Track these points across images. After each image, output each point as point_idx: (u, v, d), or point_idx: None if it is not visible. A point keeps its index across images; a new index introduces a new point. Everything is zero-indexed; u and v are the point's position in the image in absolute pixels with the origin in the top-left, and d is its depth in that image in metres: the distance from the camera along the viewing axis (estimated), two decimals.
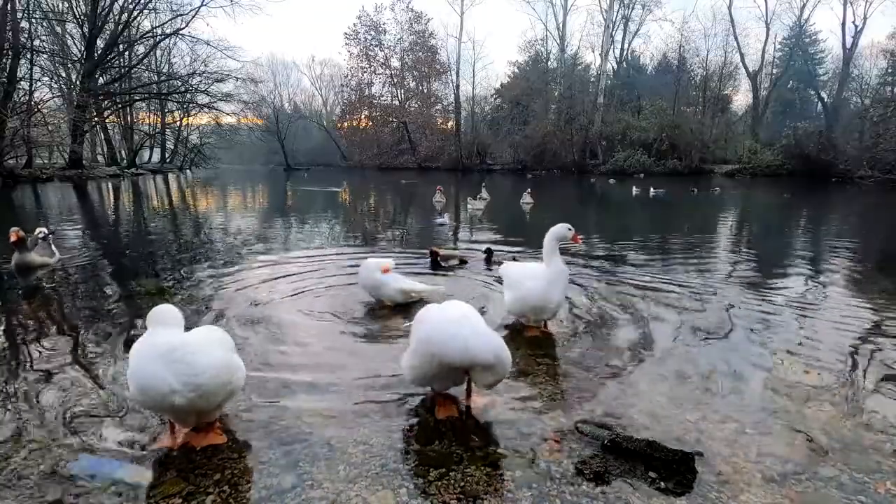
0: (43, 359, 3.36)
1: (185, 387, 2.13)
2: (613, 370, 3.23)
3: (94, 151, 42.70)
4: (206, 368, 2.18)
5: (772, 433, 2.48)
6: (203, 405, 2.23)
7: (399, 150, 52.46)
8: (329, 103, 67.14)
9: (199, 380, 2.16)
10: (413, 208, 15.30)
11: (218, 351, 2.32)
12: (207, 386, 2.18)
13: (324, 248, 7.78)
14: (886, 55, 36.34)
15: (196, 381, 2.15)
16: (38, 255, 5.12)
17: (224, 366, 2.30)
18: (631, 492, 2.05)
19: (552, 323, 4.02)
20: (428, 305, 2.79)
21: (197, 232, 9.98)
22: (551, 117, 43.16)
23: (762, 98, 45.00)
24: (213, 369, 2.21)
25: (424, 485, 2.09)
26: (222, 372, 2.27)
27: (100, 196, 19.62)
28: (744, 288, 5.33)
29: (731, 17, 42.39)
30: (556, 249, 3.65)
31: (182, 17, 34.47)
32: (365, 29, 53.00)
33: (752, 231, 10.98)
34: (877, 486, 2.10)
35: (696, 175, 34.47)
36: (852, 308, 4.62)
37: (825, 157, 31.85)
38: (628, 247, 7.92)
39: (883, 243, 9.27)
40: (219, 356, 2.29)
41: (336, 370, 3.23)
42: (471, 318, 2.51)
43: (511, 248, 7.51)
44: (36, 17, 28.70)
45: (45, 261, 5.17)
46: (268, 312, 4.38)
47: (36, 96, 30.29)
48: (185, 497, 2.02)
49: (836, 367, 3.28)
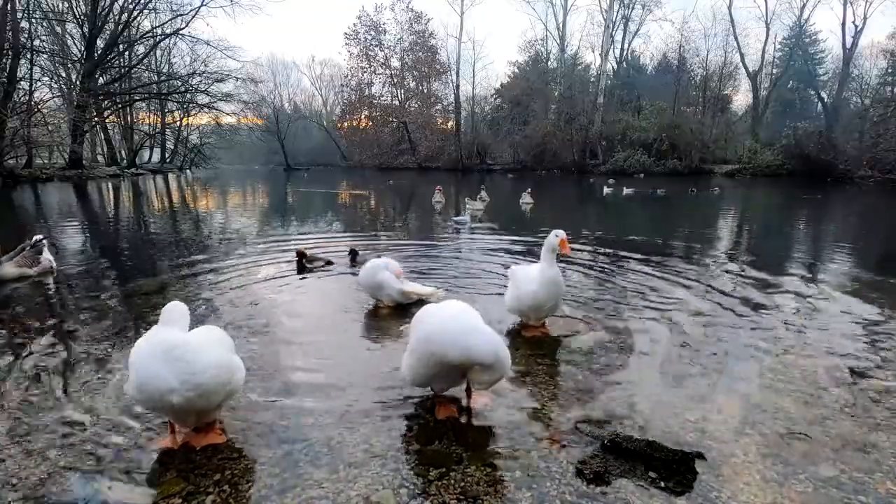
0: (42, 359, 3.36)
1: (184, 385, 2.12)
2: (613, 370, 3.23)
3: (94, 151, 42.73)
4: (205, 367, 2.17)
5: (772, 433, 2.48)
6: (202, 404, 2.22)
7: (399, 150, 52.47)
8: (329, 103, 67.27)
9: (197, 379, 2.14)
10: (413, 208, 15.29)
11: (217, 350, 2.31)
12: (206, 385, 2.18)
13: (323, 247, 7.77)
14: (886, 55, 36.34)
15: (195, 381, 2.14)
16: (13, 268, 5.00)
17: (223, 365, 2.29)
18: (631, 492, 2.05)
19: (553, 323, 4.03)
20: (427, 305, 2.80)
21: (197, 231, 9.98)
22: (551, 117, 43.18)
23: (762, 98, 45.00)
24: (212, 368, 2.20)
25: (424, 485, 2.09)
26: (221, 371, 2.26)
27: (100, 196, 19.62)
28: (744, 288, 5.33)
29: (731, 17, 42.45)
30: (550, 256, 3.71)
31: (182, 17, 34.58)
32: (365, 29, 53.05)
33: (752, 230, 10.99)
34: (877, 486, 2.10)
35: (696, 175, 34.47)
36: (853, 308, 4.62)
37: (825, 157, 31.84)
38: (629, 246, 7.91)
39: (883, 243, 9.26)
40: (218, 355, 2.28)
41: (336, 370, 3.23)
42: (470, 317, 2.51)
43: (385, 249, 7.42)
44: (36, 17, 28.73)
45: (20, 272, 5.04)
46: (268, 312, 4.38)
47: (36, 96, 30.36)
48: (185, 497, 2.02)
49: (837, 367, 3.27)
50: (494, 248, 7.67)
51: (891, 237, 10.28)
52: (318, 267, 6.11)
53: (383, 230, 10.08)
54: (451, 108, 51.55)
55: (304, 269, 6.01)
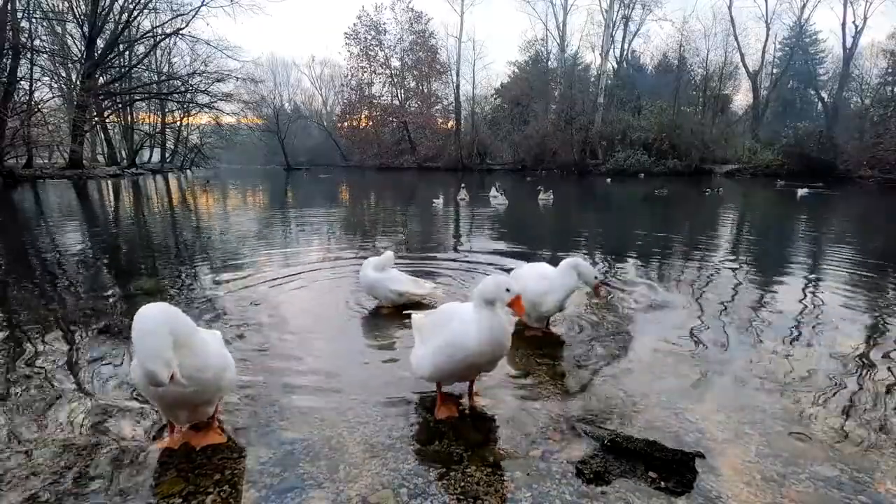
0: (42, 359, 3.36)
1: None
2: (613, 370, 3.23)
3: (94, 151, 42.73)
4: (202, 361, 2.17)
5: (772, 433, 2.48)
6: (194, 399, 2.21)
7: (399, 150, 52.50)
8: (329, 103, 67.28)
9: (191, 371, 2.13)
10: (414, 208, 15.29)
11: (212, 346, 2.32)
12: (197, 378, 2.16)
13: (324, 247, 7.78)
14: (886, 55, 36.36)
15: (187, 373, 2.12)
16: None
17: (218, 357, 2.30)
18: (631, 492, 2.05)
19: (553, 323, 4.02)
20: (449, 304, 2.79)
21: (196, 231, 9.98)
22: (551, 117, 43.18)
23: (762, 98, 45.00)
24: (210, 359, 2.20)
25: (424, 485, 2.09)
26: (216, 363, 2.26)
27: (100, 196, 19.62)
28: (744, 288, 5.33)
29: (731, 17, 42.44)
30: (570, 272, 3.67)
31: (182, 17, 34.55)
32: (365, 29, 53.10)
33: (752, 230, 10.98)
34: (877, 486, 2.10)
35: (696, 175, 34.47)
36: (853, 308, 4.62)
37: (825, 157, 31.86)
38: (629, 246, 7.92)
39: (884, 243, 9.26)
40: (211, 351, 2.29)
41: (336, 370, 3.23)
42: (502, 318, 2.52)
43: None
44: (36, 17, 28.76)
45: None
46: (268, 312, 4.38)
47: (36, 96, 30.37)
48: (185, 497, 2.02)
49: (837, 367, 3.28)
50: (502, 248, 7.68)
51: (891, 236, 10.27)
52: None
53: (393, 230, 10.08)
54: (451, 108, 51.60)
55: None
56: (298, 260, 6.71)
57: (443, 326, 2.59)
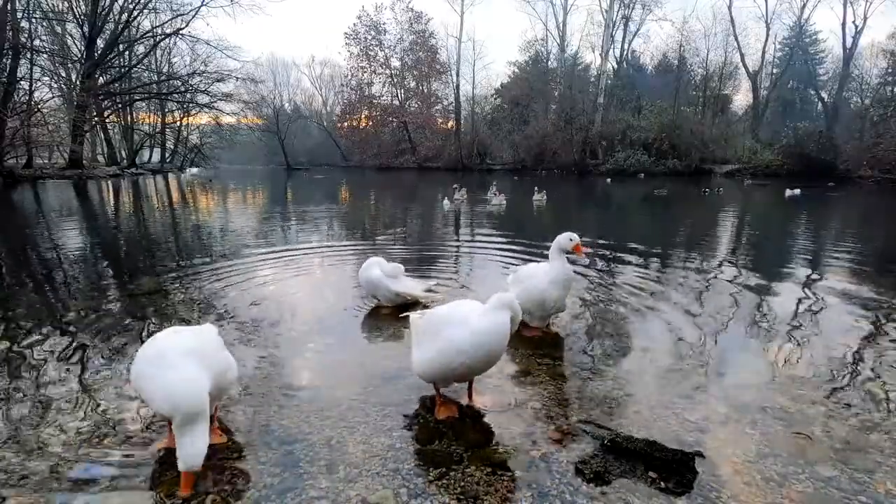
0: (42, 359, 3.36)
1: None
2: (613, 370, 3.23)
3: (94, 151, 42.70)
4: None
5: (772, 433, 2.48)
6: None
7: (399, 150, 52.49)
8: (329, 103, 67.27)
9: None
10: (416, 208, 15.29)
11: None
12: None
13: (324, 247, 7.78)
14: (886, 55, 36.38)
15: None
16: None
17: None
18: (631, 492, 2.05)
19: (553, 323, 4.02)
20: (446, 305, 2.79)
21: (197, 231, 9.97)
22: (551, 117, 43.19)
23: (762, 98, 45.00)
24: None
25: (424, 485, 2.09)
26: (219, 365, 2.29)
27: (100, 196, 19.62)
28: (745, 288, 5.33)
29: (731, 17, 42.45)
30: (560, 254, 3.74)
31: (182, 17, 34.56)
32: (365, 29, 53.11)
33: (753, 229, 10.98)
34: (877, 486, 2.10)
35: (696, 175, 34.47)
36: (854, 307, 4.62)
37: (825, 157, 31.85)
38: (629, 246, 7.91)
39: (884, 242, 9.26)
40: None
41: (336, 370, 3.23)
42: (506, 325, 2.57)
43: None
44: (36, 17, 28.76)
45: None
46: (268, 312, 4.38)
47: (36, 96, 30.37)
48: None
49: (837, 367, 3.27)
50: (505, 246, 7.68)
51: (891, 236, 10.27)
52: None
53: (394, 231, 10.08)
54: (451, 108, 51.61)
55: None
56: (298, 260, 6.71)
57: (439, 329, 2.61)
